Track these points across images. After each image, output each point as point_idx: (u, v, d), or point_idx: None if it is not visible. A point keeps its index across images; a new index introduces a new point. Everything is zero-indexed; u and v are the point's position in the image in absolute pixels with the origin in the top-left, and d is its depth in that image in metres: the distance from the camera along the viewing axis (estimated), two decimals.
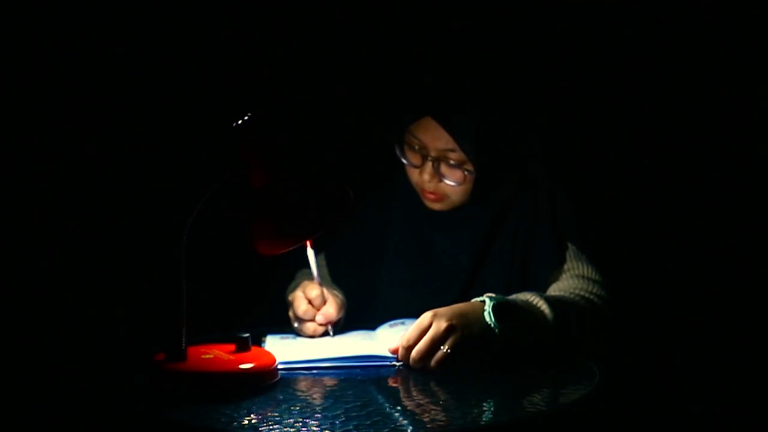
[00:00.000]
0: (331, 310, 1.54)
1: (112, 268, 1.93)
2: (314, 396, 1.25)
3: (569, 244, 1.62)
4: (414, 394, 1.27)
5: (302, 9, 2.02)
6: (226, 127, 1.32)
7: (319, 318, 1.54)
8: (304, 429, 1.11)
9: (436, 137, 1.58)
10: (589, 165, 2.05)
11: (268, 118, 1.33)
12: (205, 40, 1.98)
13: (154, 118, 1.95)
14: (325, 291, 1.56)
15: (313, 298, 1.54)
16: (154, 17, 1.93)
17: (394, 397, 1.24)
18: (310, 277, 1.77)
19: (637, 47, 2.02)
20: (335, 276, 1.78)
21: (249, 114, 1.31)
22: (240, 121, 1.31)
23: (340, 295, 1.64)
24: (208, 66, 1.98)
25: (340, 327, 1.60)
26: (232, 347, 1.36)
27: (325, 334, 1.56)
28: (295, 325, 1.57)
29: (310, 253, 1.48)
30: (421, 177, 1.62)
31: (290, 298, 1.58)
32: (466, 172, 1.59)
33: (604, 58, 2.03)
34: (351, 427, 1.11)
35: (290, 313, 1.57)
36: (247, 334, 1.37)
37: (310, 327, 1.55)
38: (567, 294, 1.54)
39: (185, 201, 1.29)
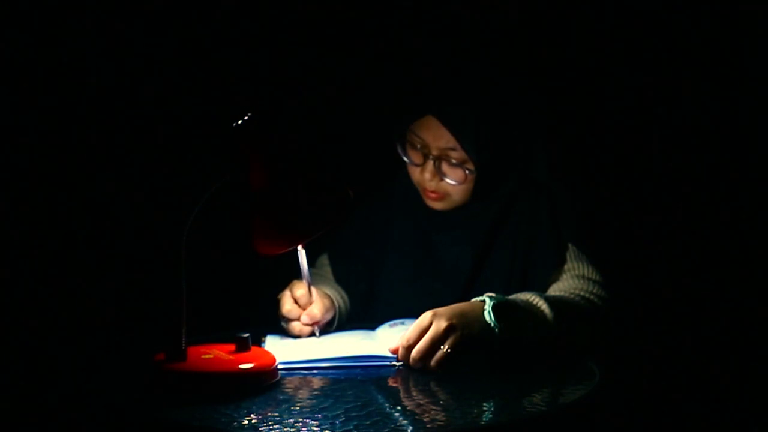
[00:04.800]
0: (315, 310, 1.54)
1: (113, 268, 1.93)
2: (314, 396, 1.25)
3: (570, 245, 1.62)
4: (414, 394, 1.27)
5: (303, 8, 2.02)
6: (226, 127, 1.32)
7: (304, 318, 1.53)
8: (304, 429, 1.11)
9: (437, 136, 1.58)
10: (590, 166, 2.05)
11: (268, 118, 1.33)
12: (205, 39, 1.98)
13: (154, 117, 1.95)
14: (314, 291, 1.55)
15: (299, 297, 1.54)
16: (154, 17, 1.93)
17: (394, 397, 1.24)
18: (316, 276, 1.78)
19: (639, 48, 2.02)
20: (337, 275, 1.78)
21: (249, 114, 1.31)
22: (240, 121, 1.31)
23: (332, 296, 1.64)
24: (208, 66, 1.98)
25: (332, 328, 1.60)
26: (232, 347, 1.36)
27: (312, 334, 1.55)
28: (282, 324, 1.57)
29: (301, 253, 1.47)
30: (423, 176, 1.62)
31: (278, 296, 1.58)
32: (467, 171, 1.59)
33: (606, 59, 2.03)
34: (351, 427, 1.11)
35: (278, 312, 1.57)
36: (247, 334, 1.37)
37: (295, 326, 1.54)
38: (567, 294, 1.54)
39: (185, 201, 1.29)
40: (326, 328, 1.58)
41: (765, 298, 1.99)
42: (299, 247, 1.46)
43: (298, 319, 1.54)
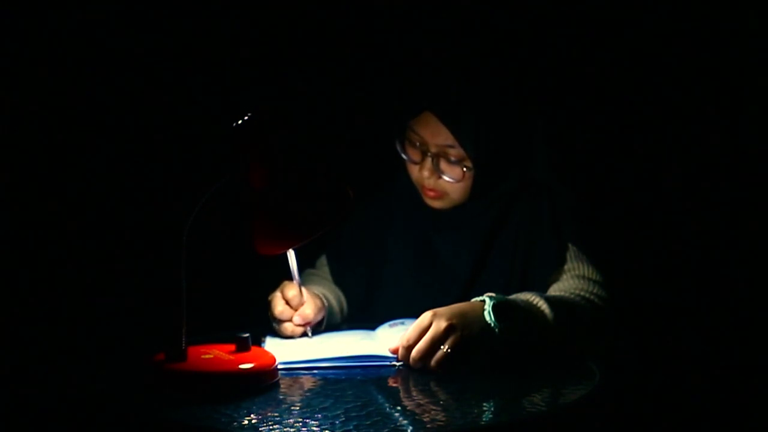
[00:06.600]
0: (308, 311, 1.53)
1: (113, 267, 1.93)
2: (314, 396, 1.25)
3: (570, 245, 1.62)
4: (414, 394, 1.27)
5: (302, 7, 2.02)
6: (226, 127, 1.32)
7: (296, 319, 1.53)
8: (304, 429, 1.11)
9: (435, 133, 1.58)
10: (590, 165, 2.05)
11: (268, 118, 1.33)
12: (205, 39, 1.98)
13: (154, 118, 1.95)
14: (305, 292, 1.55)
15: (290, 298, 1.54)
16: (154, 17, 1.93)
17: (394, 397, 1.24)
18: (314, 277, 1.78)
19: (640, 48, 2.02)
20: (336, 276, 1.78)
21: (249, 114, 1.31)
22: (240, 121, 1.31)
23: (323, 296, 1.64)
24: (208, 66, 1.99)
25: (321, 328, 1.60)
26: (232, 347, 1.36)
27: (304, 335, 1.55)
28: (274, 325, 1.56)
29: (291, 254, 1.47)
30: (421, 173, 1.62)
31: (269, 298, 1.58)
32: (465, 169, 1.59)
33: (607, 59, 2.03)
34: (351, 427, 1.11)
35: (269, 314, 1.57)
36: (247, 334, 1.37)
37: (287, 327, 1.54)
38: (567, 294, 1.54)
39: (185, 201, 1.29)
40: (316, 328, 1.58)
41: (765, 298, 1.99)
42: (290, 251, 1.46)
43: (290, 320, 1.54)
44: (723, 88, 2.00)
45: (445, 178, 1.60)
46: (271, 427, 1.11)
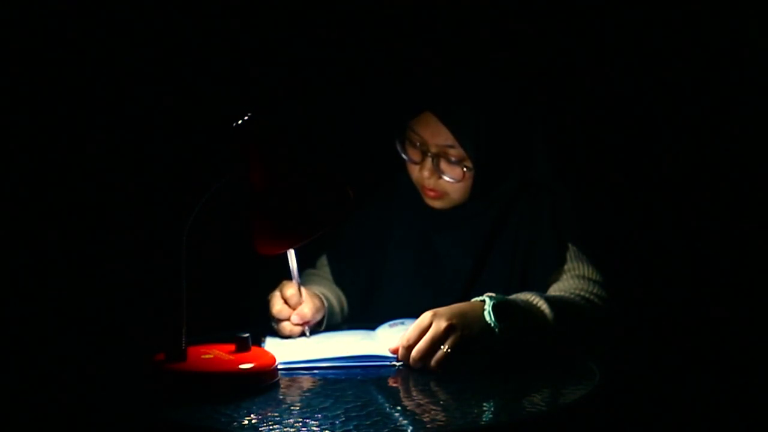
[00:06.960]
0: (306, 310, 1.53)
1: (113, 268, 1.93)
2: (314, 396, 1.25)
3: (570, 245, 1.62)
4: (414, 394, 1.27)
5: (302, 7, 2.02)
6: (226, 127, 1.32)
7: (294, 318, 1.53)
8: (304, 429, 1.11)
9: (435, 133, 1.58)
10: (591, 165, 2.05)
11: (268, 118, 1.33)
12: (205, 39, 1.98)
13: (154, 117, 1.95)
14: (304, 291, 1.55)
15: (289, 297, 1.54)
16: (154, 16, 1.93)
17: (394, 397, 1.24)
18: (315, 277, 1.78)
19: (640, 48, 2.02)
20: (336, 276, 1.78)
21: (249, 114, 1.31)
22: (240, 121, 1.31)
23: (323, 296, 1.64)
24: (209, 66, 1.99)
25: (321, 328, 1.60)
26: (232, 347, 1.36)
27: (302, 334, 1.55)
28: (273, 325, 1.56)
29: (290, 253, 1.47)
30: (421, 174, 1.62)
31: (268, 297, 1.58)
32: (465, 169, 1.59)
33: (607, 59, 2.03)
34: (351, 427, 1.11)
35: (268, 313, 1.57)
36: (247, 334, 1.37)
37: (286, 327, 1.54)
38: (567, 294, 1.54)
39: (185, 201, 1.29)
40: (315, 328, 1.58)
41: (765, 298, 1.99)
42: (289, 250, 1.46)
43: (288, 320, 1.54)
44: (723, 88, 2.00)
45: (446, 178, 1.60)
46: (271, 427, 1.11)
